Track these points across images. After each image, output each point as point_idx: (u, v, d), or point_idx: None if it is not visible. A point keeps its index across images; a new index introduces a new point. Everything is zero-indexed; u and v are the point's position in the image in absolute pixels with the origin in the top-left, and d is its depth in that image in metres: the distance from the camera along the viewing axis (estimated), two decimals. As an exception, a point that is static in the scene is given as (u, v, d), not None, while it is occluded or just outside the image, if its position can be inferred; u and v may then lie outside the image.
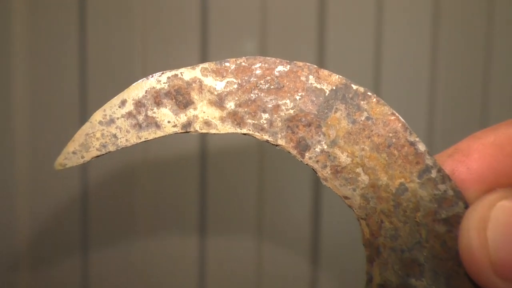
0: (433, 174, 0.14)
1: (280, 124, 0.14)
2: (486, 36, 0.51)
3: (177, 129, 0.15)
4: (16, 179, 0.49)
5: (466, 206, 0.14)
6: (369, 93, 0.14)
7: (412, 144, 0.14)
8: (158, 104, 0.15)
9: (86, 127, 0.16)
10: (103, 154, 0.15)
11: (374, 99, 0.14)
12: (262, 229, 0.50)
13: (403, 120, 0.14)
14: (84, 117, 0.49)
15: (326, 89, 0.14)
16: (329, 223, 0.50)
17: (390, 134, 0.14)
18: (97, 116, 0.15)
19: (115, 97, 0.15)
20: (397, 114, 0.14)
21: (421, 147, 0.14)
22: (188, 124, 0.15)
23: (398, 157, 0.14)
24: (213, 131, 0.14)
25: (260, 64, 0.14)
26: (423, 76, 0.51)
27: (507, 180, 0.14)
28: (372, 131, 0.14)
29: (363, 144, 0.14)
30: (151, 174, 0.50)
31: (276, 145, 0.14)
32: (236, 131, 0.14)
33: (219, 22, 0.49)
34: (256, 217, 0.50)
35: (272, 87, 0.14)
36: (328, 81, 0.14)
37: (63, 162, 0.16)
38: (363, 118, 0.14)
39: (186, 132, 0.15)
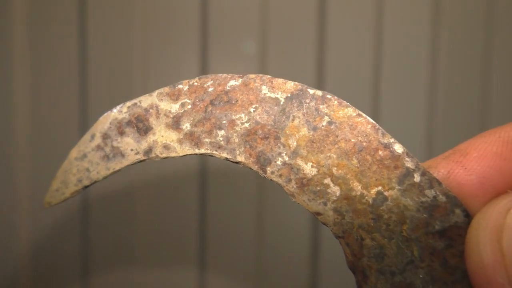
0: (416, 178, 0.12)
1: (237, 139, 0.13)
2: (486, 36, 0.51)
3: (140, 156, 0.15)
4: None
5: (466, 215, 0.12)
6: (328, 96, 0.13)
7: (387, 146, 0.12)
8: (121, 133, 0.15)
9: (64, 165, 0.16)
10: (80, 189, 0.16)
11: (335, 102, 0.13)
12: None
13: (372, 120, 0.13)
14: (84, 118, 0.49)
15: (281, 97, 0.13)
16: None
17: (360, 138, 0.12)
18: (73, 153, 0.16)
19: (87, 133, 0.16)
20: (364, 115, 0.13)
21: (398, 148, 0.12)
22: (149, 149, 0.15)
23: (372, 162, 0.12)
24: (172, 154, 0.14)
25: (211, 81, 0.14)
26: (422, 77, 0.51)
27: None
28: (337, 136, 0.13)
29: (328, 152, 0.13)
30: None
31: (236, 163, 0.13)
32: (194, 152, 0.14)
33: (219, 22, 0.49)
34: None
35: (225, 103, 0.13)
36: (283, 89, 0.13)
37: (49, 201, 0.16)
38: (324, 124, 0.13)
39: (149, 158, 0.15)
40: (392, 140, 0.12)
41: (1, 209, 0.49)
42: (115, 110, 0.15)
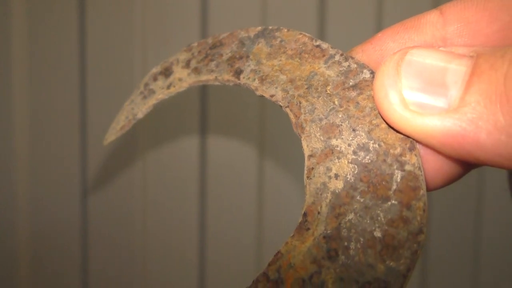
0: (337, 58, 0.17)
1: (223, 64, 0.19)
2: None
3: (164, 89, 0.20)
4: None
5: (371, 72, 0.16)
6: (281, 27, 0.19)
7: (318, 46, 0.18)
8: (155, 80, 0.21)
9: (120, 111, 0.22)
10: (127, 123, 0.21)
11: (285, 30, 0.19)
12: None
13: (309, 35, 0.18)
14: (84, 118, 0.49)
15: (251, 34, 0.19)
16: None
17: (300, 46, 0.18)
18: (127, 102, 0.22)
19: (138, 88, 0.21)
20: (304, 33, 0.18)
21: (324, 45, 0.18)
22: (170, 84, 0.20)
23: (308, 57, 0.18)
24: (184, 84, 0.20)
25: (211, 37, 0.20)
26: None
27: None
28: (286, 48, 0.18)
29: (280, 57, 0.18)
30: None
31: (223, 80, 0.19)
32: (197, 79, 0.20)
33: (219, 22, 0.49)
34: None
35: (217, 46, 0.20)
36: (254, 30, 0.19)
37: (106, 138, 0.22)
38: (278, 42, 0.19)
39: (169, 90, 0.20)
40: (321, 42, 0.18)
41: (1, 209, 0.49)
42: (154, 68, 0.21)
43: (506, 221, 0.51)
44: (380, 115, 0.15)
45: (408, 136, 0.15)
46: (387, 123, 0.15)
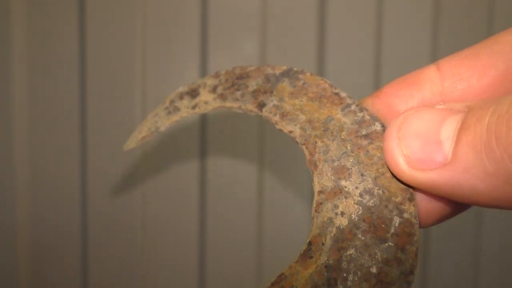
0: (353, 107, 0.19)
1: (248, 95, 0.21)
2: (487, 35, 0.51)
3: (189, 109, 0.22)
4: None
5: (382, 125, 0.19)
6: (305, 71, 0.21)
7: (336, 93, 0.20)
8: (181, 98, 0.22)
9: (143, 122, 0.23)
10: (149, 134, 0.22)
11: (309, 73, 0.21)
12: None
13: (330, 82, 0.20)
14: (83, 119, 0.49)
15: (277, 72, 0.21)
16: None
17: (320, 90, 0.20)
18: (150, 114, 0.23)
19: (163, 102, 0.23)
20: (325, 79, 0.20)
21: (343, 94, 0.20)
22: (195, 105, 0.22)
23: (327, 102, 0.20)
24: (209, 107, 0.21)
25: (238, 68, 0.22)
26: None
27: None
28: (307, 90, 0.20)
29: (301, 98, 0.20)
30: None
31: (246, 109, 0.21)
32: (222, 105, 0.21)
33: (219, 22, 0.49)
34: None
35: (244, 78, 0.21)
36: (279, 69, 0.21)
37: (127, 144, 0.23)
38: (301, 83, 0.21)
39: (194, 110, 0.22)
40: (339, 90, 0.20)
41: (1, 209, 0.49)
42: (180, 88, 0.23)
43: (506, 223, 0.51)
44: (390, 171, 0.17)
45: (411, 187, 0.17)
46: (392, 174, 0.17)
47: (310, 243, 0.18)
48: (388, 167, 0.17)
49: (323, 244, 0.18)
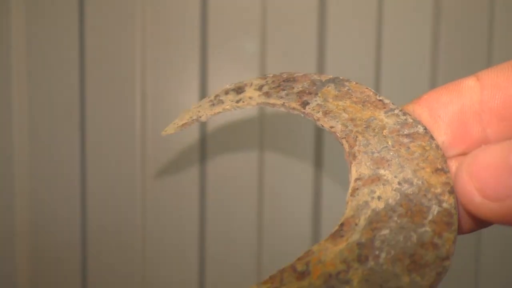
0: (396, 111, 0.20)
1: (293, 95, 0.22)
2: (487, 35, 0.51)
3: (233, 102, 0.22)
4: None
5: (425, 129, 0.19)
6: (350, 80, 0.22)
7: (380, 100, 0.21)
8: (226, 93, 0.23)
9: (185, 110, 0.24)
10: (190, 122, 0.23)
11: (354, 82, 0.22)
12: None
13: (374, 91, 0.21)
14: (83, 119, 0.49)
15: (323, 79, 0.22)
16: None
17: (365, 96, 0.21)
18: (194, 104, 0.24)
19: (207, 97, 0.24)
20: (370, 88, 0.21)
21: (386, 100, 0.21)
22: (240, 99, 0.23)
23: (370, 106, 0.21)
24: (253, 102, 0.22)
25: (286, 73, 0.23)
26: (423, 78, 0.51)
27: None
28: (351, 95, 0.21)
29: (345, 101, 0.21)
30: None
31: (289, 107, 0.22)
32: (266, 101, 0.22)
33: (219, 22, 0.49)
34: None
35: (290, 81, 0.22)
36: (326, 77, 0.22)
37: (166, 130, 0.24)
38: (345, 89, 0.21)
39: (237, 104, 0.22)
40: (383, 97, 0.21)
41: (1, 210, 0.49)
42: (227, 85, 0.23)
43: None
44: (462, 203, 0.18)
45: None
46: (432, 171, 0.18)
47: (342, 224, 0.18)
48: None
49: (356, 224, 0.18)
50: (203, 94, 0.49)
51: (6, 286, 0.49)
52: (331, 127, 0.20)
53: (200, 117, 0.23)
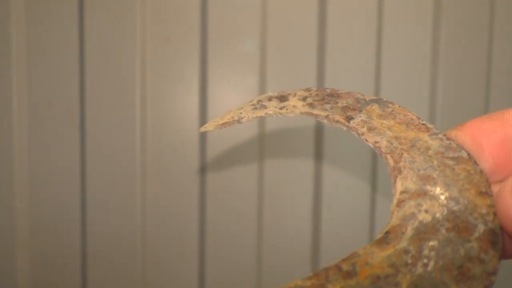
0: (440, 136, 0.21)
1: (337, 109, 0.22)
2: (488, 35, 0.51)
3: (277, 109, 0.23)
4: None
5: (468, 154, 0.20)
6: (393, 102, 0.22)
7: (424, 124, 0.21)
8: (269, 100, 0.24)
9: (226, 111, 0.24)
10: (231, 121, 0.24)
11: (397, 105, 0.22)
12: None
13: (417, 115, 0.22)
14: (83, 119, 0.49)
15: (367, 98, 0.22)
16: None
17: (408, 119, 0.21)
18: (235, 107, 0.24)
19: (249, 101, 0.24)
20: (413, 112, 0.22)
21: (430, 125, 0.21)
22: (283, 107, 0.23)
23: (414, 128, 0.21)
24: (296, 111, 0.23)
25: (329, 89, 0.23)
26: (423, 78, 0.51)
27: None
28: (395, 116, 0.22)
29: (389, 120, 0.21)
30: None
31: (333, 119, 0.22)
32: (309, 111, 0.22)
33: (219, 22, 0.49)
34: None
35: (334, 96, 0.23)
36: (369, 97, 0.22)
37: (205, 126, 0.24)
38: (389, 110, 0.22)
39: (281, 110, 0.23)
40: (426, 122, 0.21)
41: (1, 210, 0.49)
42: (270, 92, 0.24)
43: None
44: (504, 226, 0.19)
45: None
46: (477, 193, 0.19)
47: (387, 232, 0.19)
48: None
49: (403, 233, 0.19)
50: (203, 93, 0.49)
51: (7, 286, 0.49)
52: (376, 142, 0.21)
53: (242, 118, 0.23)
